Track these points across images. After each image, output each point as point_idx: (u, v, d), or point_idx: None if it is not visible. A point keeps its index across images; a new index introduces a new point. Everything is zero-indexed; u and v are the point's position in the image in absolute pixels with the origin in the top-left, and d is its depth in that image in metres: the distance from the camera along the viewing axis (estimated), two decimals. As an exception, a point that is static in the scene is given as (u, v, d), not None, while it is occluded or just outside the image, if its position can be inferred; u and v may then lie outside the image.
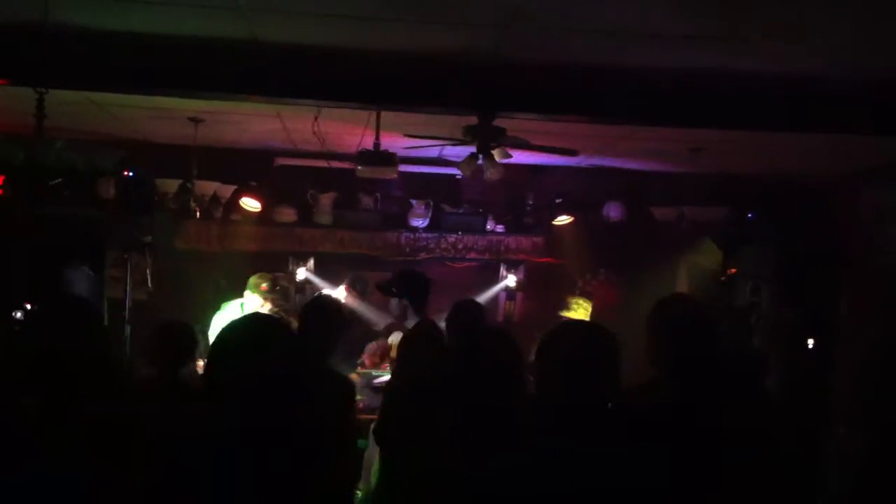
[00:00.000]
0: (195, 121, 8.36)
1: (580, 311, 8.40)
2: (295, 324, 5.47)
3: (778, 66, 6.24)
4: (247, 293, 8.42)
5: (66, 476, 3.29)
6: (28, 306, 7.61)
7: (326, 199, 10.40)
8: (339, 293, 9.32)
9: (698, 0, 4.99)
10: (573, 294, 9.07)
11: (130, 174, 8.62)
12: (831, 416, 2.97)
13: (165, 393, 4.93)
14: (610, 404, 3.24)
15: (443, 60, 6.35)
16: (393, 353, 8.43)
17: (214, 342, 3.20)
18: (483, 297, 10.52)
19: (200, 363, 6.31)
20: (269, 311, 7.96)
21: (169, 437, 3.09)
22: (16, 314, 7.40)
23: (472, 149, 7.08)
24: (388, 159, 7.75)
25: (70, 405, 3.47)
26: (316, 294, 9.07)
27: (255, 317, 4.14)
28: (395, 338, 8.40)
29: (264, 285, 8.36)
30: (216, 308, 8.64)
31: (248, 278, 8.56)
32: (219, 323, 7.97)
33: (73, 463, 3.33)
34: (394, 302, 6.51)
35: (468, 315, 6.01)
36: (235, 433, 2.84)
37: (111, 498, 3.31)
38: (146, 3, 5.48)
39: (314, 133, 8.32)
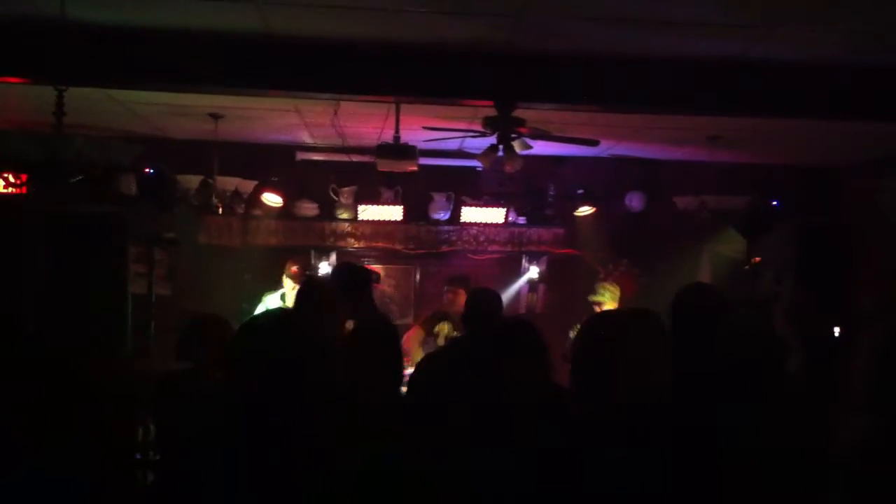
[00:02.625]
0: (215, 117, 8.39)
1: (607, 295, 8.38)
2: None
3: (798, 52, 6.21)
4: (284, 279, 8.46)
5: (70, 475, 3.31)
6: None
7: (347, 193, 10.41)
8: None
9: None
10: (599, 280, 9.01)
11: (151, 170, 8.65)
12: (848, 402, 2.95)
13: (188, 387, 4.91)
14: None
15: (461, 51, 6.35)
16: None
17: (234, 338, 3.17)
18: (507, 290, 10.54)
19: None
20: None
21: (178, 432, 3.09)
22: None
23: (493, 140, 7.07)
24: (409, 152, 7.75)
25: (77, 404, 3.49)
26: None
27: (272, 313, 4.12)
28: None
29: (294, 268, 8.38)
30: (240, 302, 8.68)
31: (271, 272, 8.59)
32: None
33: (77, 461, 3.35)
34: None
35: (485, 305, 5.92)
36: (248, 429, 2.84)
37: (114, 496, 3.32)
38: (162, -1, 5.50)
39: (333, 127, 8.33)
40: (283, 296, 8.35)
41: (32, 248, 8.44)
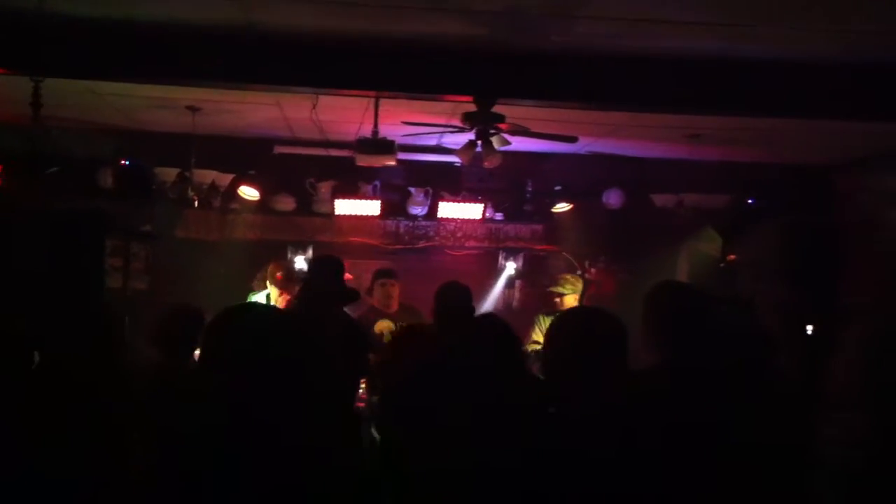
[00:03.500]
0: (193, 109, 8.34)
1: (569, 287, 8.33)
2: None
3: (779, 51, 6.23)
4: (267, 282, 8.39)
5: (67, 474, 3.29)
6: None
7: (325, 188, 10.37)
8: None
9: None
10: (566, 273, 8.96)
11: (128, 163, 8.59)
12: (833, 399, 2.96)
13: (168, 381, 4.88)
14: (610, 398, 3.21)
15: (442, 47, 6.34)
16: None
17: (205, 329, 3.15)
18: (488, 286, 10.57)
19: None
20: (286, 302, 7.87)
21: (168, 429, 3.07)
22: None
23: (471, 136, 7.06)
24: (387, 147, 7.73)
25: (71, 403, 3.47)
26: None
27: (247, 305, 4.10)
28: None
29: (279, 274, 8.28)
30: (217, 296, 8.63)
31: (248, 266, 8.53)
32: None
33: (73, 461, 3.33)
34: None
35: (455, 298, 5.88)
36: (234, 423, 2.83)
37: (111, 495, 3.30)
38: (142, -10, 5.47)
39: (312, 121, 8.30)
40: (269, 296, 8.27)
41: (7, 242, 8.36)
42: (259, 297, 8.44)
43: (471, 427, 3.11)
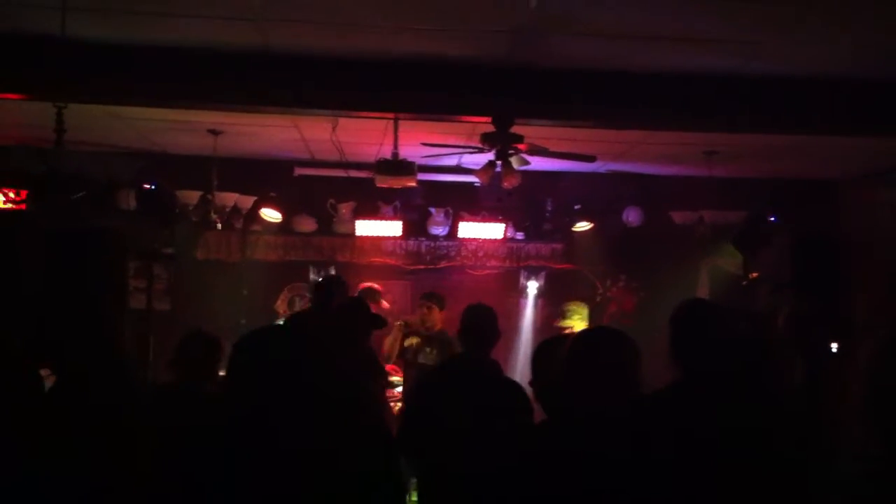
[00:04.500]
0: (214, 132, 8.42)
1: (576, 317, 8.38)
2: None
3: (794, 68, 6.26)
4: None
5: (72, 478, 3.33)
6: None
7: (346, 209, 10.42)
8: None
9: (715, 4, 5.00)
10: (568, 301, 8.95)
11: (150, 186, 8.67)
12: (847, 415, 2.96)
13: (182, 400, 4.94)
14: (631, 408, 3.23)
15: (460, 68, 6.39)
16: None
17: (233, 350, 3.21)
18: (510, 305, 10.61)
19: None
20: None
21: (177, 441, 3.11)
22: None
23: (491, 156, 7.09)
24: (407, 168, 7.77)
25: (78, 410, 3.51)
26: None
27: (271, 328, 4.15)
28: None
29: (278, 302, 8.40)
30: (238, 317, 8.70)
31: (269, 287, 8.59)
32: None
33: (79, 465, 3.36)
34: None
35: (483, 323, 5.90)
36: (246, 437, 2.87)
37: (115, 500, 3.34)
38: (161, 16, 5.54)
39: (332, 143, 8.36)
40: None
41: (31, 264, 8.44)
42: None
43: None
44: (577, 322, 8.30)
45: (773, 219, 9.84)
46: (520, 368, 9.45)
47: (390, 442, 3.53)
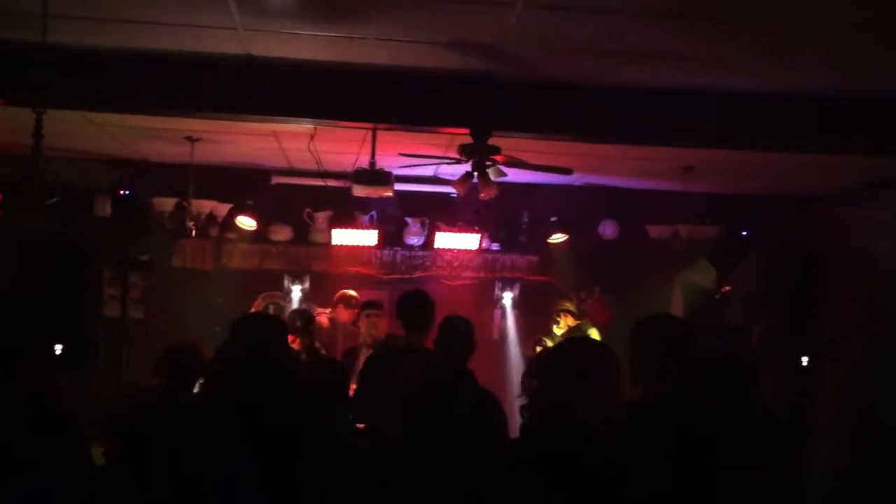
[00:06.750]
0: (191, 140, 8.39)
1: (569, 317, 8.48)
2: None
3: (771, 85, 6.32)
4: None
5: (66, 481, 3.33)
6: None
7: (322, 218, 10.41)
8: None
9: (690, 20, 5.05)
10: (557, 306, 9.03)
11: (126, 192, 8.64)
12: (818, 427, 2.99)
13: (166, 402, 4.98)
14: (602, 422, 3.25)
15: (439, 79, 6.42)
16: None
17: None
18: (485, 316, 10.61)
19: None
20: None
21: (167, 439, 3.13)
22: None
23: (468, 167, 7.12)
24: (384, 178, 7.77)
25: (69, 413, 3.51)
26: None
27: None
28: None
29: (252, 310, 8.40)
30: (213, 325, 8.66)
31: (244, 295, 8.58)
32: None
33: (73, 468, 3.36)
34: None
35: (460, 336, 5.92)
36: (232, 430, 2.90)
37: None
38: (143, 24, 5.53)
39: (310, 152, 8.36)
40: None
41: (3, 270, 8.38)
42: None
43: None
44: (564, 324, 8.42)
45: (745, 233, 9.91)
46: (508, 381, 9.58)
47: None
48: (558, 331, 8.87)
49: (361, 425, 5.31)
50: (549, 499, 3.02)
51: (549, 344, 8.30)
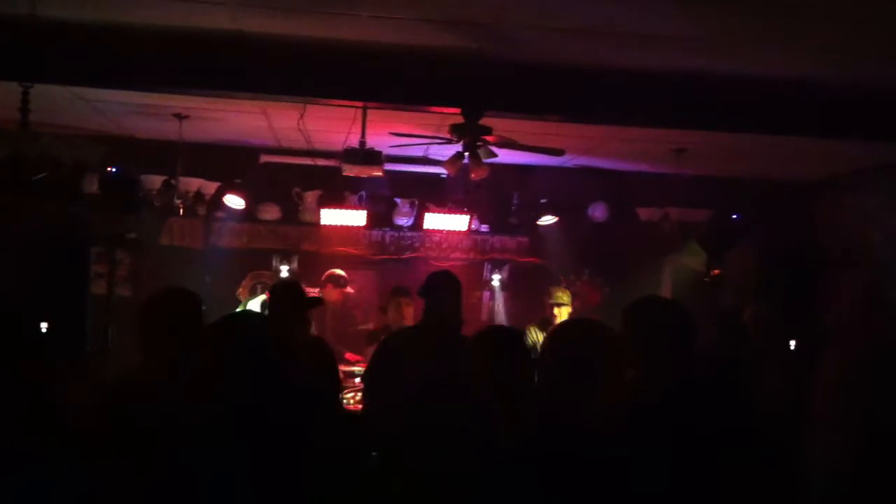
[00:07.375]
0: (180, 117, 8.33)
1: (566, 297, 8.45)
2: None
3: (763, 68, 6.28)
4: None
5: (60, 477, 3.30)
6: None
7: (311, 197, 10.37)
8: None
9: (688, 2, 5.02)
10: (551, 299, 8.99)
11: (114, 170, 8.57)
12: (814, 419, 2.96)
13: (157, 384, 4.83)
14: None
15: (431, 58, 6.36)
16: None
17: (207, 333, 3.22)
18: (474, 298, 10.59)
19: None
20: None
21: (159, 430, 3.09)
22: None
23: (458, 147, 7.08)
24: (374, 158, 7.73)
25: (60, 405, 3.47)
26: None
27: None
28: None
29: (240, 290, 8.38)
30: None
31: (233, 274, 8.57)
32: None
33: (67, 463, 3.33)
34: None
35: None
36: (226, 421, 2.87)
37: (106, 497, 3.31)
38: (133, -3, 5.48)
39: (300, 130, 8.31)
40: (264, 303, 8.24)
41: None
42: (255, 302, 8.47)
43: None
44: (566, 302, 8.36)
45: (735, 217, 9.90)
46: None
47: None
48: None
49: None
50: (548, 499, 2.99)
51: (536, 335, 8.20)
